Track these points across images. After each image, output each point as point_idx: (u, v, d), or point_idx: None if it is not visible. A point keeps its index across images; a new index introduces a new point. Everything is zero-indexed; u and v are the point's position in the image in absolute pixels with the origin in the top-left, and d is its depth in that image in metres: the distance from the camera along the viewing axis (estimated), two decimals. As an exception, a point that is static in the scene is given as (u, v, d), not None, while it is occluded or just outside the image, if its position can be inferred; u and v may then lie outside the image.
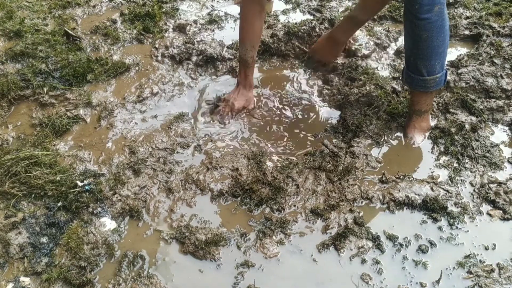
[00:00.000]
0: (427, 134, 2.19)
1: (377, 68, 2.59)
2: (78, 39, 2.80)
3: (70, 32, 2.81)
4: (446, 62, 2.08)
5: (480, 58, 2.58)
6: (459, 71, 2.49)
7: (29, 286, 1.62)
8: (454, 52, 2.72)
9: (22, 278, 1.64)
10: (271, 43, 2.73)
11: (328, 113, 2.37)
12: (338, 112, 2.36)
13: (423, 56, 1.98)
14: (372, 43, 2.73)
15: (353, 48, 2.60)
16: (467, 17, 2.96)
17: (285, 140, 2.21)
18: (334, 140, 2.18)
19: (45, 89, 2.40)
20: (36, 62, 2.57)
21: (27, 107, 2.36)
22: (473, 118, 2.23)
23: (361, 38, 2.73)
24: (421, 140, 2.17)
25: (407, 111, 2.23)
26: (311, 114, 2.36)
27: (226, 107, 2.32)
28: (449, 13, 3.01)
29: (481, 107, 2.28)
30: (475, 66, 2.49)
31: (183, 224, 1.82)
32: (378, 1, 2.29)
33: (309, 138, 2.22)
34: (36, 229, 1.78)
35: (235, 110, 2.32)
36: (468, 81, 2.41)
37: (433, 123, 2.23)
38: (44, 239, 1.76)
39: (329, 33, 2.53)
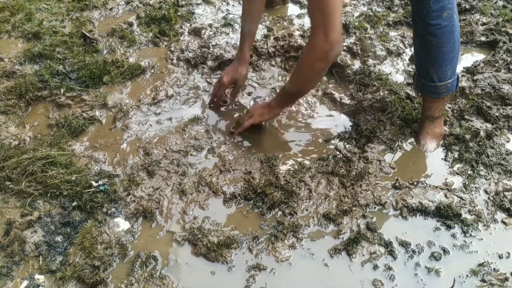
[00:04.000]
0: (440, 141, 2.18)
1: (390, 73, 2.58)
2: (95, 41, 2.84)
3: (87, 34, 2.85)
4: (458, 67, 2.06)
5: (497, 64, 2.56)
6: (475, 77, 2.47)
7: (43, 284, 1.64)
8: (470, 59, 2.71)
9: (36, 276, 1.66)
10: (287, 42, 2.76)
11: (341, 119, 2.37)
12: (352, 118, 2.36)
13: (433, 62, 1.98)
14: (384, 53, 2.72)
15: None
16: (484, 23, 2.94)
17: (298, 144, 2.22)
18: (347, 146, 2.18)
19: (62, 90, 2.44)
20: (53, 63, 2.61)
21: (44, 108, 2.39)
22: (489, 125, 2.21)
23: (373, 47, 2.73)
24: (433, 147, 2.16)
25: (420, 117, 2.22)
26: (324, 119, 2.36)
27: (218, 82, 2.36)
28: (465, 19, 2.99)
29: (497, 114, 2.26)
30: (491, 72, 2.47)
31: (195, 226, 1.83)
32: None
33: (322, 143, 2.22)
34: (51, 228, 1.81)
35: (224, 84, 2.34)
36: (484, 88, 2.39)
37: (447, 129, 2.22)
38: (59, 238, 1.78)
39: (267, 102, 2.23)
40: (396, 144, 2.17)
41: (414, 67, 2.61)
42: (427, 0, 1.83)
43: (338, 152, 2.11)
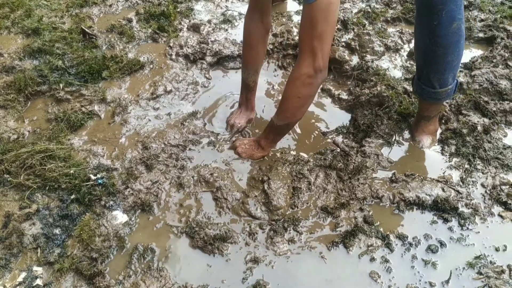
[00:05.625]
0: (435, 136, 2.18)
1: (388, 69, 2.58)
2: (94, 37, 2.84)
3: (86, 30, 2.85)
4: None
5: (494, 60, 2.57)
6: (473, 73, 2.48)
7: (41, 275, 1.65)
8: (468, 55, 2.72)
9: (35, 268, 1.67)
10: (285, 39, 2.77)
11: (339, 114, 2.38)
12: (350, 112, 2.37)
13: (436, 70, 1.94)
14: (382, 49, 2.72)
15: None
16: (482, 20, 2.94)
17: (296, 139, 2.22)
18: (345, 140, 2.19)
19: (61, 85, 2.44)
20: (53, 58, 2.61)
21: (43, 103, 2.40)
22: (486, 120, 2.22)
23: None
24: (429, 144, 2.16)
25: (416, 114, 2.22)
26: (322, 114, 2.37)
27: (231, 131, 2.25)
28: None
29: (494, 109, 2.27)
30: (489, 68, 2.48)
31: (193, 219, 1.83)
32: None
33: (320, 137, 2.23)
34: (49, 220, 1.81)
35: (238, 129, 2.25)
36: (482, 83, 2.40)
37: (444, 125, 2.23)
38: (57, 231, 1.79)
39: (255, 139, 2.13)
40: (394, 138, 2.17)
41: (412, 62, 2.63)
42: (439, 12, 1.77)
43: (336, 146, 2.12)
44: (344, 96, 2.44)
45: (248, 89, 2.26)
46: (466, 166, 2.03)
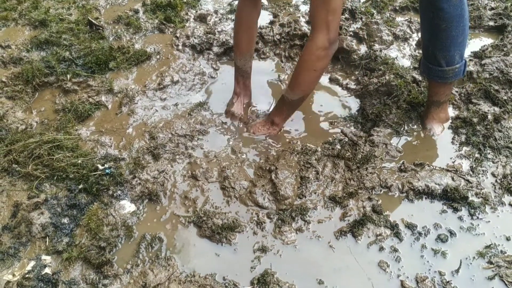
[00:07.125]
0: (446, 125, 2.16)
1: (396, 58, 2.56)
2: (101, 28, 2.84)
3: (93, 21, 2.85)
4: (465, 52, 2.02)
5: (505, 49, 2.53)
6: (483, 62, 2.45)
7: (50, 264, 1.66)
8: (478, 43, 2.68)
9: (43, 257, 1.68)
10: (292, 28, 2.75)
11: (347, 103, 2.36)
12: (358, 102, 2.34)
13: (441, 46, 1.93)
14: (391, 38, 2.69)
15: None
16: (492, 8, 2.90)
17: (304, 128, 2.21)
18: (353, 129, 2.17)
19: (68, 76, 2.44)
20: (60, 50, 2.61)
21: (50, 93, 2.40)
22: (496, 109, 2.19)
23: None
24: (440, 131, 2.14)
25: (426, 101, 2.19)
26: (330, 104, 2.35)
27: (234, 119, 2.27)
28: (473, 4, 2.96)
29: (505, 97, 2.24)
30: (499, 57, 2.44)
31: (200, 208, 1.83)
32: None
33: (328, 127, 2.21)
34: (57, 210, 1.82)
35: (240, 117, 2.26)
36: (492, 72, 2.37)
37: (454, 113, 2.20)
38: (65, 220, 1.79)
39: (267, 118, 2.19)
40: (402, 127, 2.15)
41: (421, 52, 2.60)
42: None
43: (344, 136, 2.10)
44: (352, 85, 2.42)
45: (245, 75, 2.30)
46: (476, 155, 2.01)
